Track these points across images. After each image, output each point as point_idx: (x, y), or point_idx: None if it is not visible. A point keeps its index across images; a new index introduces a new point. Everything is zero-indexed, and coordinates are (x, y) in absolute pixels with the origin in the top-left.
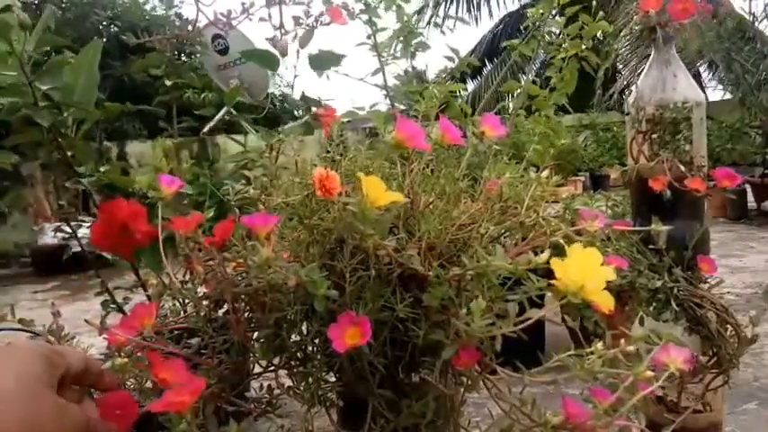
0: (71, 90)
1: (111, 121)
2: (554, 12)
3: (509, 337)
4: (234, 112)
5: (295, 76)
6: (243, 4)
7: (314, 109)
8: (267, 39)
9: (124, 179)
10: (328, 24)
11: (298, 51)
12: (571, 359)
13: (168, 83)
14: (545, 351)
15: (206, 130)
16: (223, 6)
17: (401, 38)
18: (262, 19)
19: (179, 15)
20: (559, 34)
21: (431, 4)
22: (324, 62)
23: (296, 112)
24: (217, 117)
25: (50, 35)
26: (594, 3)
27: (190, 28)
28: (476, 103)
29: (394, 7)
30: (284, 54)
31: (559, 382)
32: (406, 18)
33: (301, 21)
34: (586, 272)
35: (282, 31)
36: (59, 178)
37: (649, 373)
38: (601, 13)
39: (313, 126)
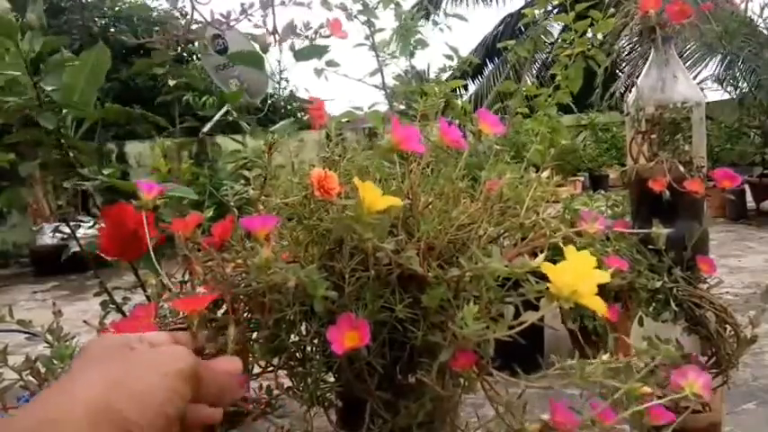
0: (72, 90)
1: (124, 123)
2: (554, 10)
3: (508, 338)
4: (234, 113)
5: (282, 71)
6: (242, 4)
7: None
8: (248, 35)
9: (127, 183)
10: (328, 37)
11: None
12: (571, 367)
13: (171, 83)
14: (545, 352)
15: (205, 130)
16: (222, 7)
17: (399, 35)
18: (257, 26)
19: (184, 14)
20: (564, 30)
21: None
22: (308, 53)
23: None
24: (216, 117)
25: (54, 37)
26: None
27: (193, 27)
28: (478, 103)
29: (392, 6)
30: (265, 50)
31: (558, 383)
32: (404, 16)
33: (300, 32)
34: (580, 275)
35: (278, 36)
36: (58, 178)
37: (646, 389)
38: (612, 10)
39: (302, 123)
